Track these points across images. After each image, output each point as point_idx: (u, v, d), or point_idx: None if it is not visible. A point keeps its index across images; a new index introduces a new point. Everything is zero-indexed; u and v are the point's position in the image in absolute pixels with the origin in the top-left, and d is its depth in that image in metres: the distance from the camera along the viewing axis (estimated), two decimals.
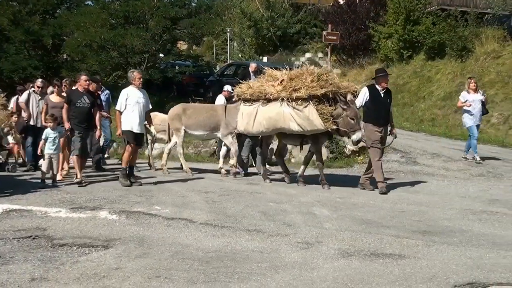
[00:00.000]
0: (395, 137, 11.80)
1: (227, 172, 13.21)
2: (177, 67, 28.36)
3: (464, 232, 8.14)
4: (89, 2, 29.01)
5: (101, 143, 14.28)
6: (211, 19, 30.07)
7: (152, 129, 12.18)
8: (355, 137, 11.12)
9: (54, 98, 12.91)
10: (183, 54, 28.86)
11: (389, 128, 11.70)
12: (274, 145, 13.82)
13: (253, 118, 12.01)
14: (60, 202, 9.44)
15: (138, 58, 24.82)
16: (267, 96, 11.75)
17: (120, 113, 11.48)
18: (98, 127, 11.85)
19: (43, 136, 11.38)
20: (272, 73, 12.27)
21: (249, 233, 7.72)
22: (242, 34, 38.52)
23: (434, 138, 18.98)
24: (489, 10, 26.61)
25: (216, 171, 13.37)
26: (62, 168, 12.19)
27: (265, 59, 34.57)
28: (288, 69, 12.25)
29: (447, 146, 17.50)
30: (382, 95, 11.44)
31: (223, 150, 13.82)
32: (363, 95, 11.44)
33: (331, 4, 33.80)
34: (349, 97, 11.20)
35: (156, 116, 13.80)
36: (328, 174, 12.60)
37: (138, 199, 9.91)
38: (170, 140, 13.67)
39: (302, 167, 12.35)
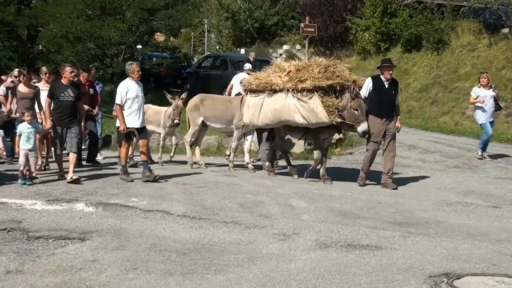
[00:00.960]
0: (397, 131, 11.32)
1: (254, 168, 12.91)
2: (154, 59, 28.26)
3: (440, 223, 8.23)
4: None
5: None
6: (189, 10, 30.01)
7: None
8: (360, 128, 10.77)
9: (22, 89, 12.10)
10: (160, 46, 28.76)
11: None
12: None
13: (258, 109, 11.74)
14: (36, 194, 9.34)
15: (115, 49, 24.66)
16: (273, 87, 11.49)
17: (121, 107, 10.90)
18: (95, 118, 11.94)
19: (17, 131, 10.62)
20: (280, 64, 12.09)
21: (226, 225, 7.73)
22: (220, 25, 38.38)
23: (410, 130, 19.09)
24: (464, 3, 26.79)
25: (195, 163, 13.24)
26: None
27: (242, 51, 34.49)
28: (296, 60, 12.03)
29: (423, 138, 17.64)
30: (387, 86, 11.05)
31: (247, 144, 13.47)
32: (367, 86, 11.10)
33: None
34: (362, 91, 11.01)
35: (150, 109, 13.42)
36: (305, 165, 12.63)
37: (115, 191, 9.85)
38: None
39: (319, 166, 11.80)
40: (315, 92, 10.86)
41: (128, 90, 10.94)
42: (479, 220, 8.46)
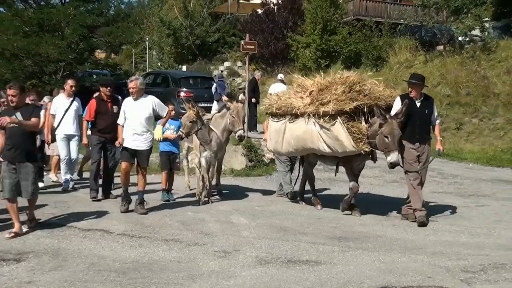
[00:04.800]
0: (439, 155, 9.88)
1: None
2: (94, 76, 27.96)
3: (378, 237, 8.39)
4: (1, 9, 28.17)
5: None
6: (129, 27, 29.90)
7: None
8: (389, 158, 9.13)
9: None
10: (100, 63, 28.50)
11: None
12: None
13: (281, 136, 10.32)
14: None
15: (53, 66, 24.30)
16: (294, 111, 9.99)
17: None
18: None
19: None
20: (302, 82, 10.63)
21: (166, 243, 7.70)
22: (161, 42, 38.31)
23: None
24: (401, 21, 27.49)
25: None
26: None
27: (184, 68, 34.50)
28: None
29: None
30: (418, 104, 9.51)
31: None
32: (396, 106, 9.52)
33: (250, 13, 34.08)
34: (399, 110, 9.37)
35: None
36: (249, 181, 12.67)
37: (54, 210, 9.67)
38: None
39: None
40: (338, 117, 9.29)
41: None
42: (416, 234, 8.65)
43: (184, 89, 20.75)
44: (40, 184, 11.58)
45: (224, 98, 11.61)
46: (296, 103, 10.03)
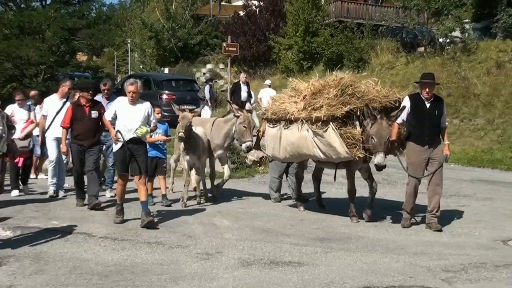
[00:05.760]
0: (445, 159, 9.20)
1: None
2: (76, 79, 27.84)
3: (361, 238, 8.43)
4: None
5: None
6: (111, 30, 29.93)
7: None
8: (375, 160, 8.87)
9: None
10: (82, 66, 28.40)
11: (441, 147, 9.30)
12: None
13: (278, 142, 10.08)
14: None
15: (34, 69, 24.18)
16: (288, 117, 9.74)
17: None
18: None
19: None
20: (296, 86, 10.32)
21: (149, 246, 7.68)
22: (143, 45, 38.23)
23: None
24: (383, 22, 27.65)
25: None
26: None
27: (166, 70, 34.43)
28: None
29: None
30: (428, 105, 9.05)
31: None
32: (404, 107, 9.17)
33: (232, 15, 34.11)
34: (403, 113, 9.09)
35: None
36: (231, 183, 12.66)
37: (35, 214, 9.60)
38: None
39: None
40: (331, 123, 8.98)
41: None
42: (398, 234, 8.71)
43: (167, 92, 20.73)
44: (15, 192, 11.43)
45: (234, 106, 11.43)
46: (290, 108, 9.79)
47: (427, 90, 9.02)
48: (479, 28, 25.78)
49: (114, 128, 8.99)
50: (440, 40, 24.76)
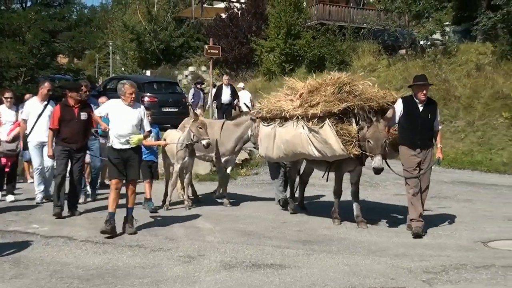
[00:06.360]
0: (438, 162, 9.31)
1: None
2: (56, 81, 27.67)
3: (342, 240, 8.46)
4: None
5: None
6: (92, 32, 29.78)
7: None
8: (372, 163, 8.78)
9: None
10: (63, 68, 28.23)
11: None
12: None
13: (272, 141, 9.94)
14: None
15: (14, 72, 24.00)
16: (283, 114, 9.63)
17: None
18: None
19: None
20: (292, 85, 10.27)
21: (131, 249, 7.67)
22: (125, 47, 38.10)
23: None
24: (364, 25, 27.77)
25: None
26: None
27: (148, 72, 34.32)
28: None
29: None
30: (421, 108, 8.88)
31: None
32: (397, 110, 8.99)
33: (214, 18, 34.08)
34: (389, 112, 8.96)
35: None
36: (213, 185, 12.65)
37: (15, 217, 9.57)
38: None
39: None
40: (327, 119, 8.90)
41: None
42: (379, 236, 8.74)
43: (148, 94, 20.63)
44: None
45: (252, 111, 11.35)
46: (285, 106, 9.71)
47: (424, 92, 8.85)
48: (459, 31, 25.98)
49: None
50: (421, 42, 24.89)
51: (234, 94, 20.09)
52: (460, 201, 12.08)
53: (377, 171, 8.77)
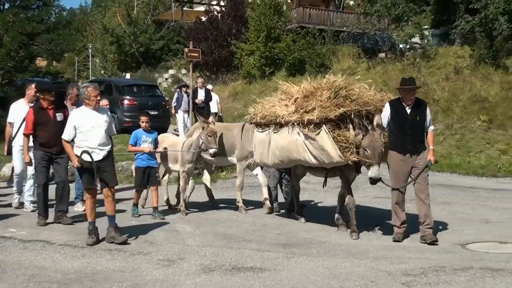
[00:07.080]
0: (428, 166, 8.94)
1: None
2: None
3: (322, 243, 8.49)
4: None
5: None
6: (71, 35, 29.66)
7: None
8: (369, 173, 8.52)
9: None
10: (41, 71, 28.08)
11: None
12: None
13: (267, 147, 9.70)
14: None
15: None
16: (278, 120, 9.40)
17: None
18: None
19: None
20: (286, 89, 10.00)
21: (110, 253, 7.63)
22: (104, 50, 37.93)
23: None
24: (344, 28, 27.92)
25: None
26: None
27: (128, 75, 34.20)
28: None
29: None
30: (409, 111, 8.64)
31: (261, 178, 11.13)
32: (385, 114, 8.78)
33: (194, 21, 34.05)
34: (376, 119, 8.70)
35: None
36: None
37: None
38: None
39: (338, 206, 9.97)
40: (324, 126, 8.62)
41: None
42: (359, 239, 8.77)
43: (128, 97, 20.52)
44: None
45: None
46: (280, 111, 9.45)
47: (411, 97, 8.63)
48: (438, 34, 26.17)
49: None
50: (401, 46, 25.06)
51: (208, 96, 20.08)
52: (439, 204, 12.14)
53: (374, 181, 8.52)
